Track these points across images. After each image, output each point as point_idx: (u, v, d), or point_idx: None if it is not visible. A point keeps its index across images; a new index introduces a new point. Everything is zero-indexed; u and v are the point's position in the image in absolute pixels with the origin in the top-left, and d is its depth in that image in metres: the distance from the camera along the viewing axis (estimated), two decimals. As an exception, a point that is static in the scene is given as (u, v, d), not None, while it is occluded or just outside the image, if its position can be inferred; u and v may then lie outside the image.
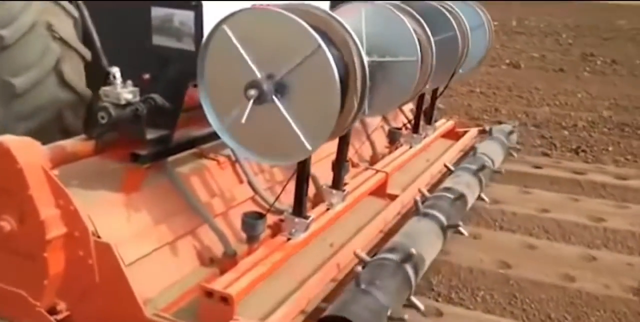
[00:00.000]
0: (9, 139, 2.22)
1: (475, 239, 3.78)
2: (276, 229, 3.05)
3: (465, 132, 5.19)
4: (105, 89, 2.29)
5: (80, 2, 3.56)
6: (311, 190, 3.36)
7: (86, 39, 3.47)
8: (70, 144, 2.58)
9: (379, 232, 3.34)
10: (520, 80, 9.43)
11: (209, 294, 2.25)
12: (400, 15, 2.76)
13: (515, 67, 10.74)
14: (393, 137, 4.33)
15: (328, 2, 3.09)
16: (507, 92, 8.73)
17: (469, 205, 3.65)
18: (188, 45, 2.30)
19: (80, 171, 2.57)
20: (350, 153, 3.76)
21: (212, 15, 2.25)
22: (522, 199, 4.53)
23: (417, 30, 2.87)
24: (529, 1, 23.39)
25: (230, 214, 2.98)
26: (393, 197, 3.72)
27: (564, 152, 6.00)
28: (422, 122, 4.34)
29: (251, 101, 2.07)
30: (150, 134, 2.41)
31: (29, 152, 2.24)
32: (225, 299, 2.21)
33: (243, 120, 2.09)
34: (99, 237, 2.30)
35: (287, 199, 3.40)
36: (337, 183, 3.16)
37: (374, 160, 4.36)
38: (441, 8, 3.58)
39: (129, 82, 2.31)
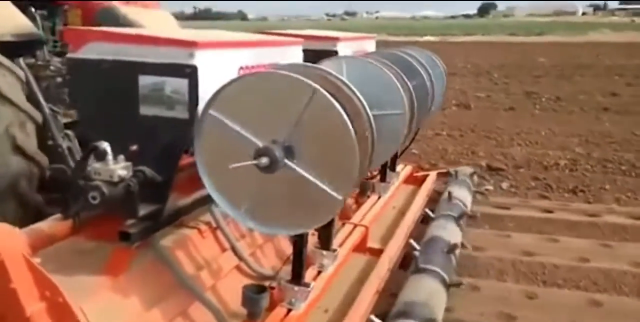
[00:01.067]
0: None
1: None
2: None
3: (425, 176, 5.22)
4: (95, 166, 2.11)
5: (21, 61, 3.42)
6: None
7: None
8: (47, 225, 2.35)
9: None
10: (478, 121, 9.68)
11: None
12: (383, 69, 2.75)
13: (466, 108, 11.06)
14: (363, 188, 4.24)
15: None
16: (473, 134, 8.93)
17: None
18: (181, 113, 2.17)
19: (61, 254, 2.34)
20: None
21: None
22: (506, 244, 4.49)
23: (399, 82, 2.87)
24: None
25: (218, 287, 2.79)
26: (374, 251, 3.63)
27: (561, 192, 6.07)
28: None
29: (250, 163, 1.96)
30: (142, 210, 2.22)
31: (9, 240, 2.01)
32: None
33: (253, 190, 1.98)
34: (93, 329, 2.07)
35: (268, 263, 3.27)
36: (327, 242, 3.04)
37: (344, 213, 4.27)
38: (408, 57, 3.63)
39: (121, 156, 2.14)
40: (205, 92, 2.13)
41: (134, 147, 2.24)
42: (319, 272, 3.00)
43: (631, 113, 10.31)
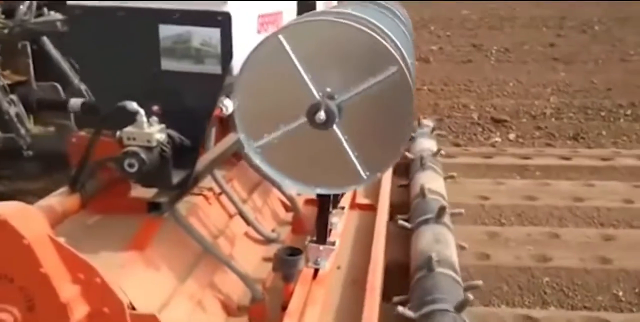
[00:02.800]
0: (7, 210, 1.72)
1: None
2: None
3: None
4: (129, 129, 1.87)
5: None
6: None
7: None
8: (57, 201, 2.10)
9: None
10: (445, 74, 9.65)
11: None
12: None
13: (426, 62, 10.94)
14: None
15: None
16: (449, 87, 8.91)
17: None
18: (212, 67, 1.94)
19: (77, 231, 2.11)
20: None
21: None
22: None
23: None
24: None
25: (234, 253, 2.64)
26: (364, 207, 3.57)
27: (564, 140, 6.28)
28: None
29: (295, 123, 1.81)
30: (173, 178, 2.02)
31: (31, 221, 1.77)
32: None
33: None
34: (133, 309, 1.88)
35: (268, 226, 3.14)
36: (335, 201, 2.93)
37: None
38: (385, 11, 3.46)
39: (154, 118, 1.90)
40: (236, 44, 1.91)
41: (155, 108, 2.01)
42: (330, 231, 2.92)
43: (577, 62, 10.59)
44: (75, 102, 3.78)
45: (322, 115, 1.78)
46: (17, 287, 1.75)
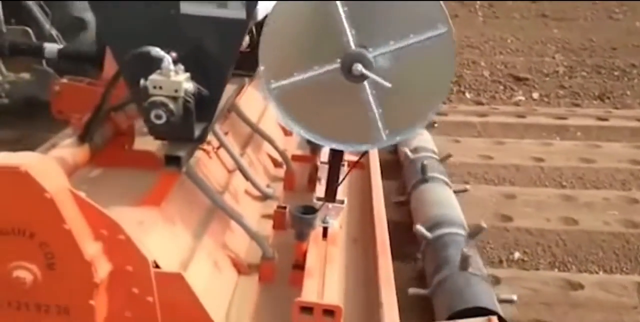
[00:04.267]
0: (27, 161, 1.59)
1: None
2: (278, 219, 2.74)
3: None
4: (155, 78, 1.73)
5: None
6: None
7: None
8: (68, 153, 1.97)
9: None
10: None
11: (307, 309, 1.91)
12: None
13: None
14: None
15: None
16: None
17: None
18: (236, 11, 1.82)
19: (85, 185, 1.99)
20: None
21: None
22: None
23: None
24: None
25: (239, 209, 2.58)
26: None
27: (590, 100, 6.24)
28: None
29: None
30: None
31: (53, 175, 1.65)
32: (332, 312, 1.90)
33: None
34: (157, 267, 1.81)
35: (262, 182, 3.08)
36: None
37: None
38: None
39: (180, 66, 1.77)
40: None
41: (173, 56, 1.88)
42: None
43: (566, 19, 10.55)
44: (51, 47, 3.55)
45: (359, 67, 1.71)
46: (37, 244, 1.65)
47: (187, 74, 1.81)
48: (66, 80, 3.20)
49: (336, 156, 2.37)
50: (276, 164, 3.46)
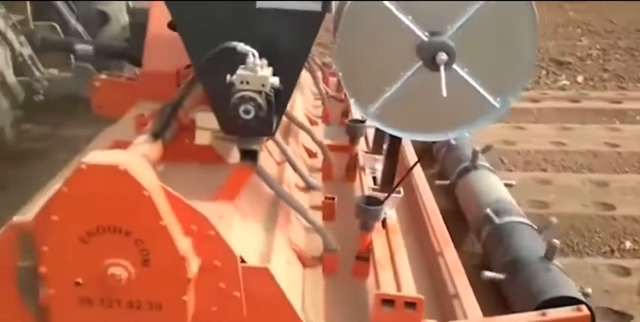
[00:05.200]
0: (125, 160, 1.60)
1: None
2: (328, 210, 2.76)
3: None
4: (243, 73, 1.74)
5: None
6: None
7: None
8: (146, 150, 1.97)
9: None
10: None
11: (388, 301, 1.94)
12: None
13: None
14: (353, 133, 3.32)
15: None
16: None
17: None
18: (312, 4, 1.83)
19: (171, 181, 1.99)
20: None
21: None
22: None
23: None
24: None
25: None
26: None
27: (634, 82, 6.15)
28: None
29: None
30: None
31: (147, 172, 1.66)
32: (413, 304, 1.92)
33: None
34: (243, 262, 1.83)
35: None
36: (379, 147, 2.91)
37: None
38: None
39: (264, 61, 1.78)
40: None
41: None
42: (374, 178, 2.92)
43: (581, 1, 10.33)
44: (84, 45, 3.54)
45: (442, 55, 1.73)
46: (132, 241, 1.66)
47: (271, 69, 1.81)
48: (105, 76, 3.21)
49: (394, 146, 2.39)
50: (310, 154, 3.47)
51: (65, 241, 1.66)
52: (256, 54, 1.76)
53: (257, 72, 1.75)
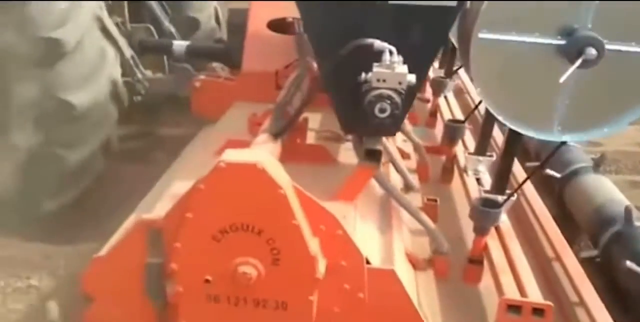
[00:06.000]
0: (262, 159, 1.61)
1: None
2: (430, 212, 2.69)
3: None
4: (380, 71, 1.70)
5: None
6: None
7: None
8: (270, 150, 1.97)
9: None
10: None
11: (514, 307, 1.86)
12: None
13: None
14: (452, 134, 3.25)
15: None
16: None
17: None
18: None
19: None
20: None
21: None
22: None
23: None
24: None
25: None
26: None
27: None
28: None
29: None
30: None
31: (281, 172, 1.65)
32: (541, 311, 1.84)
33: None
34: (368, 263, 1.80)
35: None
36: (483, 147, 2.82)
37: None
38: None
39: (400, 57, 1.74)
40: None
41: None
42: (478, 180, 2.84)
43: None
44: (179, 44, 3.61)
45: (592, 51, 1.65)
46: (264, 240, 1.66)
47: (405, 66, 1.77)
48: (203, 77, 3.26)
49: (512, 147, 2.30)
50: (404, 155, 3.41)
51: (197, 239, 1.67)
52: (394, 51, 1.72)
53: (394, 69, 1.71)
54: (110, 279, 1.83)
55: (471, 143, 3.18)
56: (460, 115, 3.60)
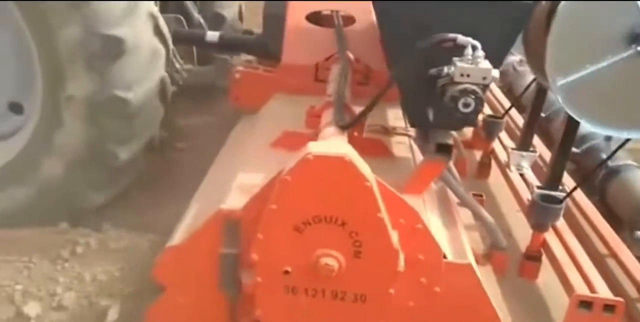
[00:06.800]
0: (348, 151, 1.60)
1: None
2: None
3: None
4: (464, 65, 1.70)
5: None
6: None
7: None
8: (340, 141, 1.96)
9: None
10: None
11: (584, 303, 1.87)
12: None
13: None
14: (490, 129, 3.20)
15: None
16: None
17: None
18: None
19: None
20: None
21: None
22: None
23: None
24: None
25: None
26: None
27: None
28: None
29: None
30: None
31: (364, 164, 1.64)
32: (612, 307, 1.85)
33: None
34: (444, 257, 1.80)
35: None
36: (527, 142, 2.82)
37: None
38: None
39: (482, 53, 1.74)
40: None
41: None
42: (522, 175, 2.84)
43: None
44: (212, 35, 3.58)
45: None
46: (347, 232, 1.65)
47: (487, 60, 1.77)
48: (241, 68, 3.23)
49: (568, 139, 2.29)
50: None
51: (279, 230, 1.66)
52: (478, 45, 1.72)
53: (477, 64, 1.71)
54: (183, 268, 1.82)
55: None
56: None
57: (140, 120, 2.60)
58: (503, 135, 3.23)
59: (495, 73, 1.72)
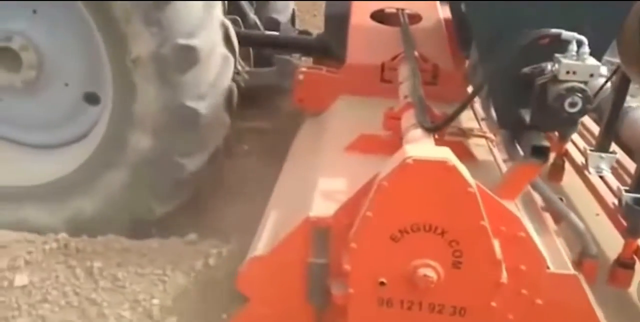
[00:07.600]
0: (449, 155, 1.51)
1: None
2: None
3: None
4: (569, 62, 1.59)
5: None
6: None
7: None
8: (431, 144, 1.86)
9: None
10: None
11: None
12: None
13: None
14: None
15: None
16: None
17: None
18: None
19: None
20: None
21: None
22: None
23: None
24: None
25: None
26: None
27: None
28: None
29: None
30: None
31: (465, 169, 1.55)
32: None
33: None
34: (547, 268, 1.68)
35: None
36: (606, 144, 2.67)
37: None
38: None
39: (587, 49, 1.62)
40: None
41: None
42: (602, 178, 2.70)
43: None
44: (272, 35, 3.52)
45: None
46: (447, 241, 1.56)
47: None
48: (305, 69, 3.16)
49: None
50: None
51: (374, 239, 1.58)
52: (585, 41, 1.60)
53: (584, 61, 1.59)
54: (269, 279, 1.76)
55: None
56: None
57: (207, 131, 2.54)
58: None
59: (604, 70, 1.61)
